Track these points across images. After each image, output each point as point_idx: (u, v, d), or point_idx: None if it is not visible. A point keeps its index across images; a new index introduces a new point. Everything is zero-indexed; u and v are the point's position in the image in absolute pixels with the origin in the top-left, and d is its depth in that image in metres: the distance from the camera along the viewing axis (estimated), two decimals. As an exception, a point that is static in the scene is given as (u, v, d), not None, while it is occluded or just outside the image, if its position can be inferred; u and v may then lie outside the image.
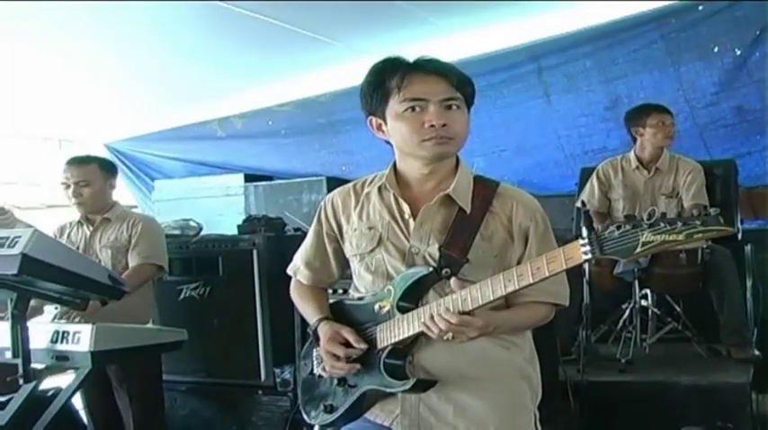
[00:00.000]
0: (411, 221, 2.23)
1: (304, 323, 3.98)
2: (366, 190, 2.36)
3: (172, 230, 4.74)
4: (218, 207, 7.42)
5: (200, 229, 4.68)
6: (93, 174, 4.15)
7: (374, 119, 2.25)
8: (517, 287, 1.95)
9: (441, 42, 5.79)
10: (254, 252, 4.36)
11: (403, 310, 2.16)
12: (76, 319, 3.81)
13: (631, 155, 5.01)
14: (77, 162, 4.20)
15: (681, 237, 1.72)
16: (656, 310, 4.49)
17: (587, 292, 4.43)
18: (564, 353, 4.14)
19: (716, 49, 5.81)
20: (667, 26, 5.89)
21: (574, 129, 6.47)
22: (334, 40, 6.20)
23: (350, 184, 2.43)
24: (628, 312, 4.51)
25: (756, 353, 4.24)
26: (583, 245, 1.84)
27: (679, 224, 1.72)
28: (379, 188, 2.31)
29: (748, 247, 4.78)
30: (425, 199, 2.24)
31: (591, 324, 4.47)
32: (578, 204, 4.80)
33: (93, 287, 3.30)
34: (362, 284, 2.34)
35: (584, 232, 1.85)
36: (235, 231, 5.00)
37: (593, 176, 5.09)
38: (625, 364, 4.15)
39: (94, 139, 8.06)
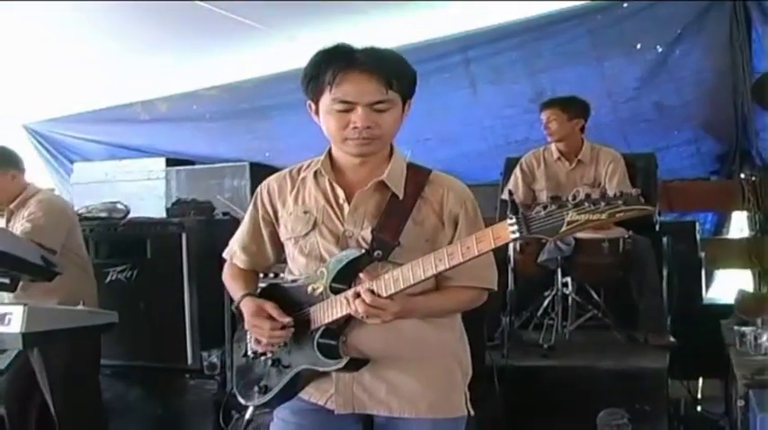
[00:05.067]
0: (345, 206, 2.27)
1: (234, 306, 4.01)
2: (302, 175, 2.38)
3: (99, 213, 4.67)
4: (139, 191, 7.34)
5: (128, 212, 4.62)
6: None
7: (312, 104, 2.28)
8: (447, 266, 1.99)
9: (372, 31, 5.82)
10: (184, 235, 4.32)
11: (336, 292, 2.19)
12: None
13: (553, 146, 5.10)
14: None
15: (604, 216, 1.78)
16: (577, 298, 4.59)
17: (512, 279, 4.50)
18: (488, 338, 4.21)
19: (638, 46, 6.00)
20: (593, 22, 6.05)
21: (498, 119, 6.59)
22: (263, 25, 6.18)
23: (286, 170, 2.45)
24: (549, 299, 4.61)
25: (672, 339, 4.38)
26: (511, 224, 1.88)
27: (602, 204, 1.77)
28: (315, 173, 2.34)
29: (665, 239, 4.90)
30: (360, 184, 2.28)
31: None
32: (504, 196, 4.87)
33: (25, 268, 3.26)
34: (296, 267, 2.36)
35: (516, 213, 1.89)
36: (155, 215, 4.96)
37: (517, 168, 5.17)
38: (547, 350, 4.24)
39: (13, 120, 7.86)
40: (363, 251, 2.18)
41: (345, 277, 2.19)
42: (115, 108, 7.78)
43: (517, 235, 1.88)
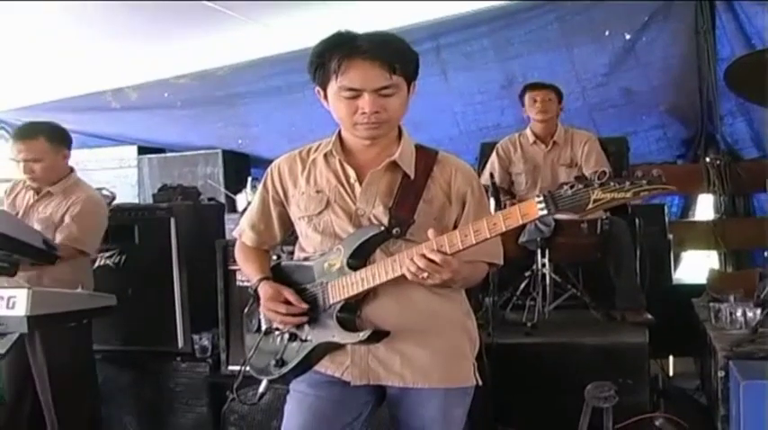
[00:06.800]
0: (357, 185, 2.37)
1: (226, 288, 4.07)
2: (312, 156, 2.46)
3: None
4: (111, 179, 7.27)
5: (113, 198, 4.62)
6: (41, 150, 3.96)
7: (320, 90, 2.35)
8: (474, 242, 2.08)
9: (344, 19, 5.83)
10: (172, 220, 4.33)
11: (353, 267, 2.29)
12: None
13: (528, 131, 5.21)
14: (23, 137, 3.98)
15: (629, 194, 1.88)
16: (556, 278, 4.70)
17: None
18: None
19: (607, 33, 6.12)
20: (562, 9, 6.16)
21: (470, 106, 6.68)
22: (236, 12, 6.18)
23: (295, 152, 2.52)
24: (530, 280, 4.72)
25: (649, 316, 4.50)
26: (539, 202, 1.97)
27: (627, 183, 1.88)
28: (325, 154, 2.43)
29: (638, 221, 5.02)
30: (370, 165, 2.38)
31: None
32: (484, 180, 4.95)
33: (27, 251, 3.28)
34: (310, 244, 2.45)
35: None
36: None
37: (494, 154, 5.26)
38: (531, 328, 4.34)
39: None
40: (383, 228, 2.27)
41: (362, 253, 2.30)
42: (85, 96, 7.70)
43: (545, 212, 1.96)
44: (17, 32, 6.08)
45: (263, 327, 2.51)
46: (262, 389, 2.57)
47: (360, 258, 2.30)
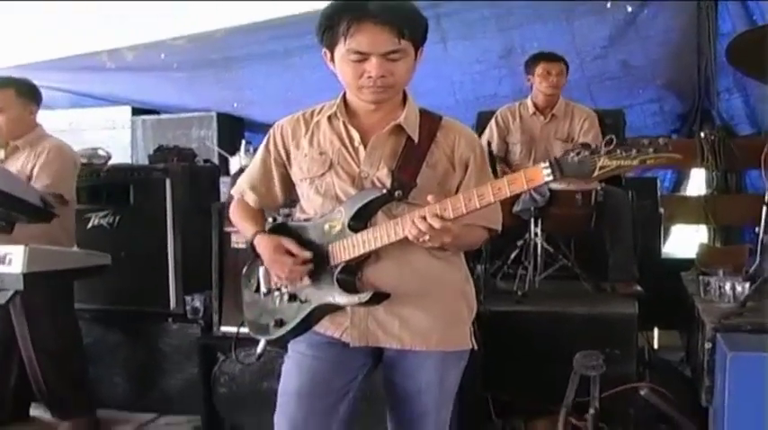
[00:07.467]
0: (361, 148, 2.37)
1: (221, 251, 4.06)
2: (316, 118, 2.47)
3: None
4: (104, 140, 7.15)
5: (109, 158, 4.62)
6: (8, 100, 3.98)
7: (327, 52, 2.34)
8: (478, 206, 2.10)
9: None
10: (168, 181, 4.33)
11: (354, 229, 2.30)
12: None
13: (528, 101, 5.19)
14: None
15: (635, 162, 1.89)
16: (548, 248, 4.72)
17: (486, 229, 4.61)
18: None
19: (609, 5, 6.11)
20: (565, -21, 6.15)
21: (468, 75, 6.66)
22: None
23: (298, 113, 2.52)
24: (521, 249, 4.74)
25: (638, 288, 4.53)
26: (545, 167, 1.99)
27: (634, 151, 1.89)
28: (329, 116, 2.43)
29: (630, 194, 5.04)
30: (374, 128, 2.38)
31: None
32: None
33: (24, 209, 3.26)
34: (311, 206, 2.46)
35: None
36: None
37: (492, 121, 5.25)
38: (521, 297, 4.38)
39: (-26, 67, 7.72)
40: (385, 191, 2.29)
41: (363, 216, 2.31)
42: (80, 56, 7.63)
43: (551, 177, 1.98)
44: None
45: (263, 288, 2.53)
46: (260, 349, 2.60)
47: (361, 220, 2.31)
